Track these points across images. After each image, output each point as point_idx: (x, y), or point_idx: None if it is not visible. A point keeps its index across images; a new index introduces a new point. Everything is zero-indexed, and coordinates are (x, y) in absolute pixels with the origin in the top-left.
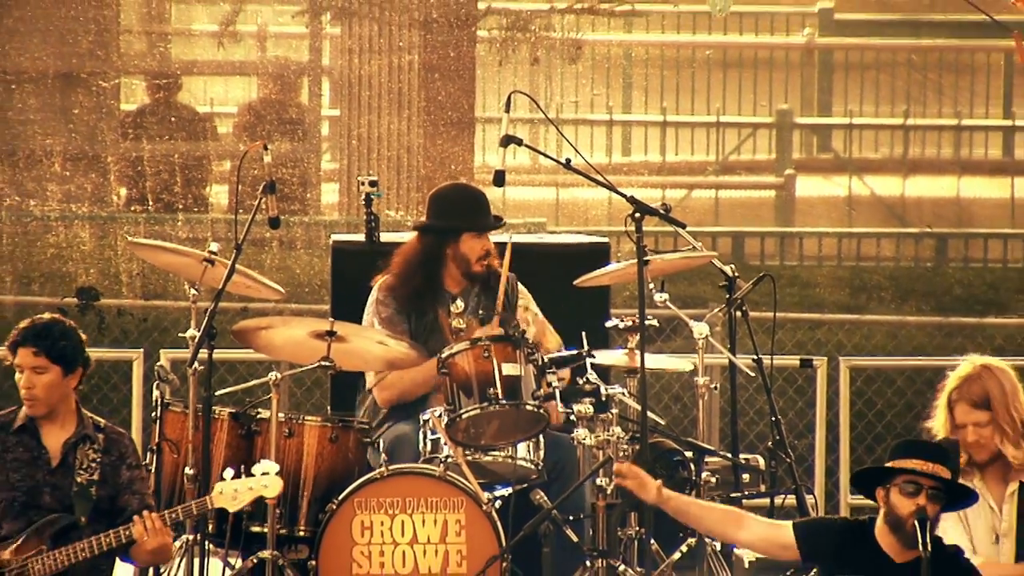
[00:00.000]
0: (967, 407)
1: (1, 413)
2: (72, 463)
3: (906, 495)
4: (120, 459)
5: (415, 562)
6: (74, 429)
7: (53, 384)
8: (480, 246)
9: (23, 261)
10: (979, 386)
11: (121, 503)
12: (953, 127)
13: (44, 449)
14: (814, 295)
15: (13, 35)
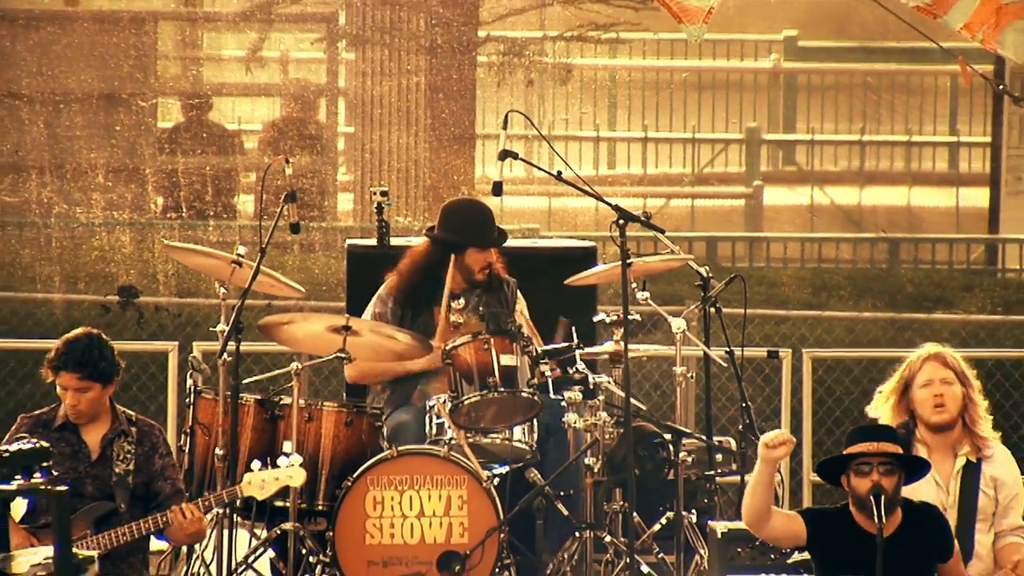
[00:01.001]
0: (938, 365)
1: (41, 411)
2: (110, 456)
3: (861, 475)
4: (152, 449)
5: (422, 533)
6: (110, 425)
7: (95, 398)
8: (483, 259)
9: (70, 263)
10: (947, 358)
11: (155, 488)
12: (904, 143)
13: (84, 444)
14: (780, 293)
15: (62, 60)
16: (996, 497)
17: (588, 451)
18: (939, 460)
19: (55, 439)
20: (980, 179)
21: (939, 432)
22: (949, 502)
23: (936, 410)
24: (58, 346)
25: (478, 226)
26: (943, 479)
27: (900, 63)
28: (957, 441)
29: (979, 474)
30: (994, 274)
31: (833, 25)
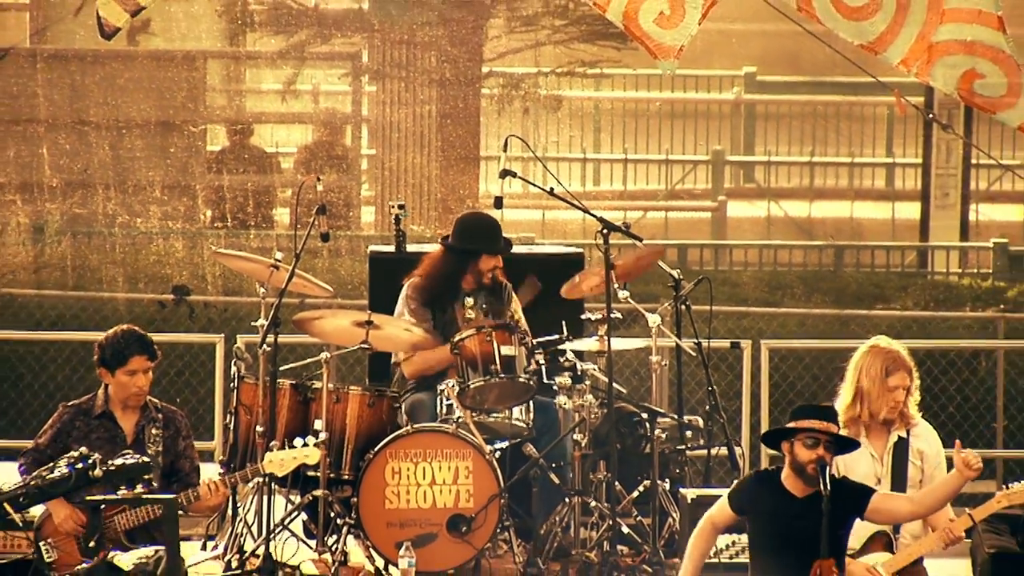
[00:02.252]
0: (904, 374)
1: (80, 400)
2: (143, 439)
3: (808, 447)
4: (176, 433)
5: (433, 499)
6: (141, 413)
7: (151, 380)
8: (492, 263)
9: (131, 266)
10: (905, 359)
11: (178, 466)
12: (847, 163)
13: (120, 430)
14: (741, 293)
15: (124, 92)
16: (922, 467)
17: (576, 429)
18: (874, 437)
19: (95, 425)
20: (912, 194)
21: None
22: (883, 472)
23: (892, 410)
24: (115, 339)
25: (490, 236)
26: (878, 453)
27: (844, 95)
28: (891, 421)
29: (908, 448)
30: (925, 276)
31: (787, 62)
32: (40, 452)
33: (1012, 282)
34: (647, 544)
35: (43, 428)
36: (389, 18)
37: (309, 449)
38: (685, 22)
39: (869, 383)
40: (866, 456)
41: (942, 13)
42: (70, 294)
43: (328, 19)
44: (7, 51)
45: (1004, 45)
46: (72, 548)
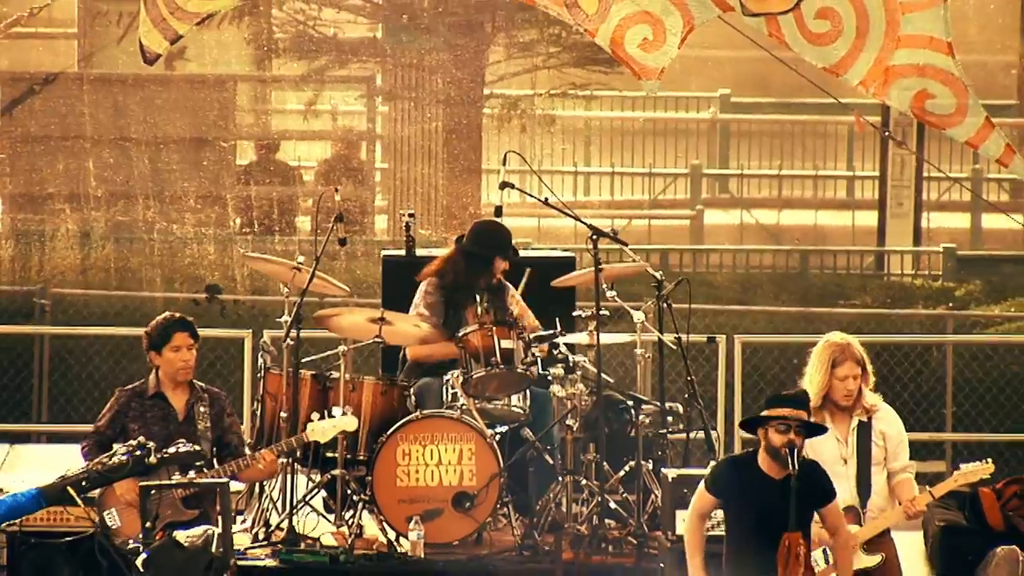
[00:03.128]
0: (852, 364)
1: (134, 385)
2: (193, 416)
3: (780, 432)
4: (221, 410)
5: (439, 478)
6: (189, 393)
7: (196, 357)
8: (503, 267)
9: (168, 267)
10: (854, 351)
11: (225, 440)
12: (812, 176)
13: (172, 408)
14: (716, 292)
15: (162, 111)
16: (885, 447)
17: (568, 415)
18: (838, 422)
19: (149, 406)
20: (870, 204)
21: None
22: (847, 453)
23: (845, 398)
24: (159, 323)
25: (504, 243)
26: (842, 436)
27: (809, 115)
28: (851, 408)
29: (870, 430)
30: (881, 277)
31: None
32: (101, 435)
33: (960, 283)
34: (632, 518)
35: (101, 412)
36: (400, 45)
37: (348, 418)
38: (666, 46)
39: (821, 374)
40: (831, 440)
41: (898, 39)
42: (113, 293)
43: (345, 46)
44: (57, 75)
45: (953, 69)
46: (133, 516)
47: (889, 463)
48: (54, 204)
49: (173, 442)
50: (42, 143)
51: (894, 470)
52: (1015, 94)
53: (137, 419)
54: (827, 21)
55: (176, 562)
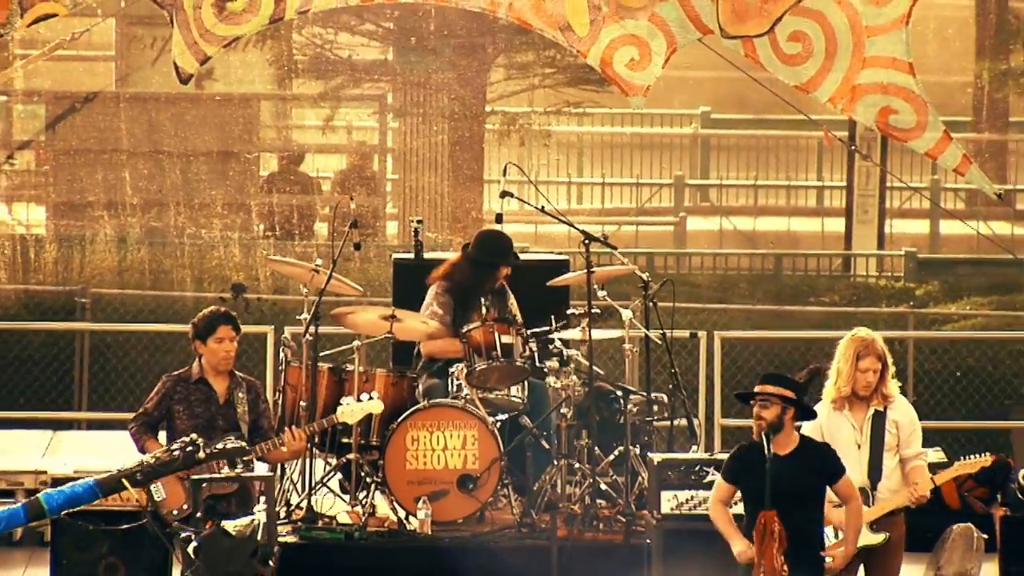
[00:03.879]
0: (874, 359)
1: (179, 372)
2: (232, 400)
3: (763, 408)
4: (257, 396)
5: (446, 461)
6: (230, 380)
7: (236, 350)
8: (506, 272)
9: (197, 268)
10: (876, 348)
11: (259, 424)
12: (785, 186)
13: (214, 393)
14: (698, 292)
15: (191, 126)
16: (898, 435)
17: (563, 404)
18: (856, 410)
19: (192, 390)
20: (838, 211)
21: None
22: (862, 439)
23: (864, 388)
24: (206, 315)
25: (506, 251)
26: (858, 424)
27: (783, 130)
28: (869, 398)
29: (885, 419)
30: (848, 278)
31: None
32: (148, 416)
33: (919, 283)
34: (621, 499)
35: (149, 396)
36: (409, 65)
37: (375, 402)
38: (651, 66)
39: (845, 365)
40: (847, 426)
41: (863, 60)
42: (147, 293)
43: (359, 67)
44: (96, 94)
45: (914, 87)
46: (178, 489)
47: (902, 450)
48: (93, 211)
49: (215, 420)
50: (82, 156)
51: (907, 457)
52: (970, 111)
53: (181, 402)
54: (799, 43)
55: (224, 549)
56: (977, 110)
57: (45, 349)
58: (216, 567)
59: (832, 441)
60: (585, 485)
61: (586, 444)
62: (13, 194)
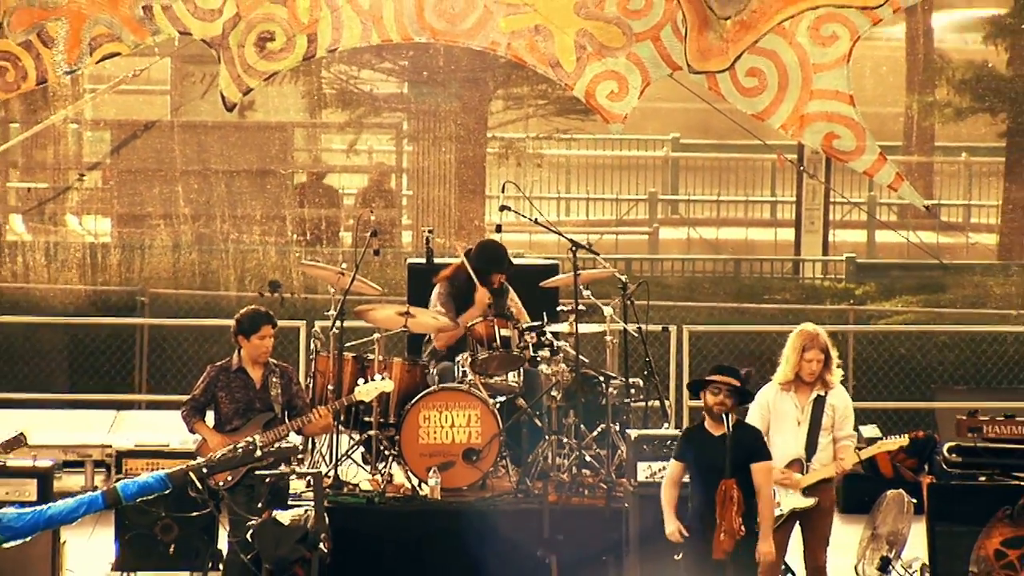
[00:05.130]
0: (817, 351)
1: (222, 362)
2: (267, 386)
3: (713, 395)
4: (289, 380)
5: (452, 437)
6: (264, 368)
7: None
8: (499, 278)
9: (239, 269)
10: (820, 341)
11: (293, 404)
12: (744, 200)
13: (251, 379)
14: (669, 292)
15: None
16: (833, 417)
17: (553, 387)
18: (801, 393)
19: (233, 377)
20: (789, 223)
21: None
22: (802, 418)
23: (809, 375)
24: (250, 314)
25: (500, 260)
26: (800, 404)
27: (742, 153)
28: (813, 384)
29: (824, 403)
30: (797, 280)
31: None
32: (196, 400)
33: (858, 284)
34: (603, 468)
35: (196, 384)
36: (421, 97)
37: (386, 382)
38: (628, 97)
39: (792, 354)
40: (792, 405)
41: (811, 92)
42: (197, 292)
43: (379, 99)
44: (154, 122)
45: (854, 115)
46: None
47: (836, 431)
48: (151, 221)
49: (253, 403)
50: (142, 174)
51: (839, 437)
52: (902, 136)
53: (224, 388)
54: (755, 78)
55: (275, 534)
56: (907, 135)
57: (110, 340)
58: (267, 549)
59: (777, 417)
60: (572, 457)
61: (573, 422)
62: (83, 208)
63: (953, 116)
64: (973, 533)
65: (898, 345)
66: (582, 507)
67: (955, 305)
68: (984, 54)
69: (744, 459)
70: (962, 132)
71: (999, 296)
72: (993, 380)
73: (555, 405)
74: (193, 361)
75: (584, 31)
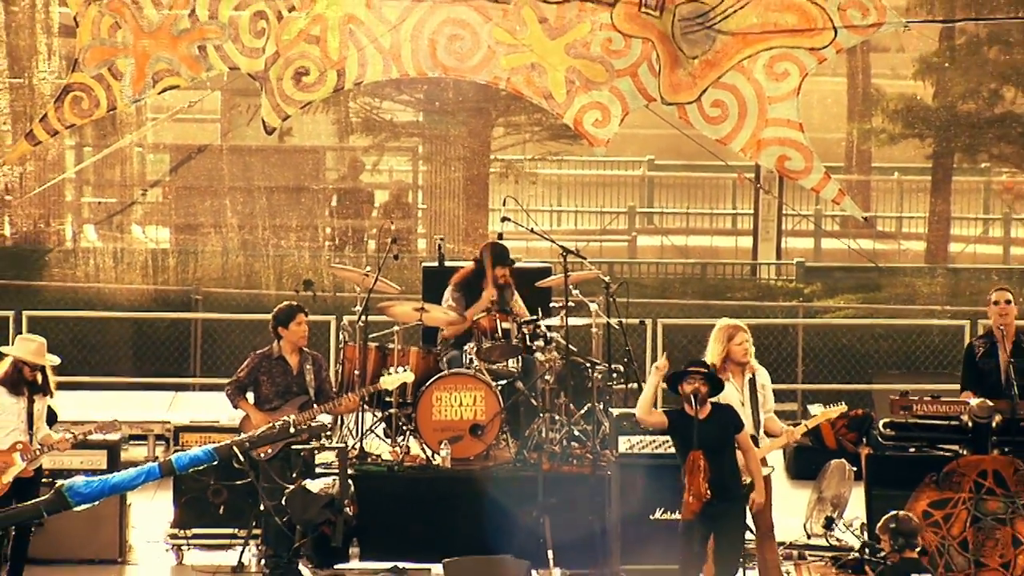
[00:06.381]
0: (742, 335)
1: (263, 351)
2: (303, 371)
3: (689, 384)
4: (320, 367)
5: (461, 414)
6: (300, 355)
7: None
8: (502, 271)
9: (278, 271)
10: (741, 328)
11: (323, 388)
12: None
13: (289, 366)
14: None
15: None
16: (764, 394)
17: (546, 372)
18: (737, 377)
19: (274, 363)
20: (748, 232)
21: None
22: (744, 399)
23: (743, 356)
24: (284, 308)
25: (504, 256)
26: (739, 387)
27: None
28: (744, 368)
29: (755, 383)
30: (755, 281)
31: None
32: (240, 382)
33: (807, 284)
34: (589, 441)
35: (241, 367)
36: (434, 124)
37: (407, 373)
38: (610, 124)
39: (721, 345)
40: (734, 390)
41: (766, 120)
42: (243, 291)
43: (398, 126)
44: (206, 146)
45: (803, 140)
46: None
47: (764, 405)
48: (203, 230)
49: (291, 387)
50: (196, 190)
51: (766, 410)
52: (843, 158)
53: (265, 373)
54: (719, 108)
55: (305, 500)
56: (848, 157)
57: (169, 332)
58: (298, 513)
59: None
60: (563, 432)
61: (564, 402)
62: (146, 219)
63: (887, 141)
64: (904, 496)
65: (840, 336)
66: (571, 474)
67: (889, 302)
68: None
69: (718, 433)
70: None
71: (926, 294)
72: (921, 366)
73: (548, 387)
74: (239, 350)
75: (573, 68)
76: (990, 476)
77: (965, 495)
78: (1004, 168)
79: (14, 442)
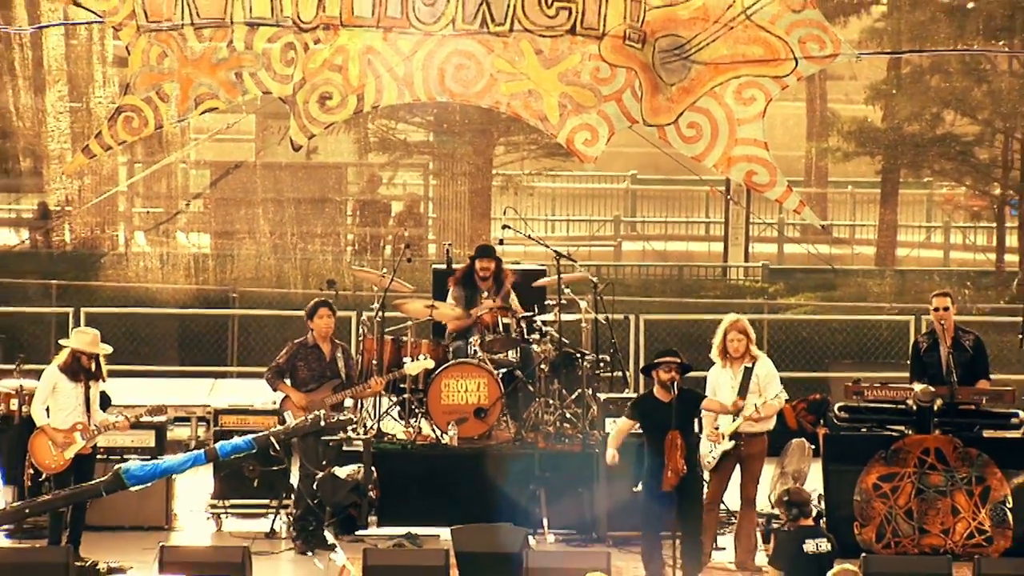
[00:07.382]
0: (738, 333)
1: (300, 340)
2: (335, 359)
3: (664, 372)
4: (348, 356)
5: (467, 399)
6: (332, 345)
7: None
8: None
9: (305, 272)
10: (740, 326)
11: (350, 375)
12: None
13: (323, 353)
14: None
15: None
16: (759, 383)
17: (542, 362)
18: (733, 366)
19: (309, 351)
20: (719, 238)
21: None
22: (736, 385)
23: (735, 350)
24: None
25: (482, 250)
26: (733, 372)
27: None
28: (741, 358)
29: (752, 373)
30: (726, 281)
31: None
32: (279, 367)
33: (771, 284)
34: (580, 423)
35: (280, 354)
36: (442, 143)
37: (428, 360)
38: (599, 143)
39: (718, 338)
40: (728, 376)
41: (736, 140)
42: (274, 290)
43: (411, 145)
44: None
45: (768, 157)
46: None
47: (762, 393)
48: (239, 236)
49: (325, 372)
50: (232, 202)
51: (766, 397)
52: (804, 173)
53: (302, 359)
54: (694, 129)
55: (334, 485)
56: (808, 172)
57: (210, 326)
58: (328, 496)
59: (717, 383)
60: (556, 414)
61: (557, 388)
62: (189, 226)
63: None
64: (857, 471)
65: (801, 330)
66: (564, 452)
67: (843, 300)
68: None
69: (689, 414)
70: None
71: (876, 293)
72: (872, 356)
73: (543, 375)
74: (272, 342)
75: (565, 94)
76: (932, 453)
77: (910, 470)
78: (944, 182)
79: (74, 422)
